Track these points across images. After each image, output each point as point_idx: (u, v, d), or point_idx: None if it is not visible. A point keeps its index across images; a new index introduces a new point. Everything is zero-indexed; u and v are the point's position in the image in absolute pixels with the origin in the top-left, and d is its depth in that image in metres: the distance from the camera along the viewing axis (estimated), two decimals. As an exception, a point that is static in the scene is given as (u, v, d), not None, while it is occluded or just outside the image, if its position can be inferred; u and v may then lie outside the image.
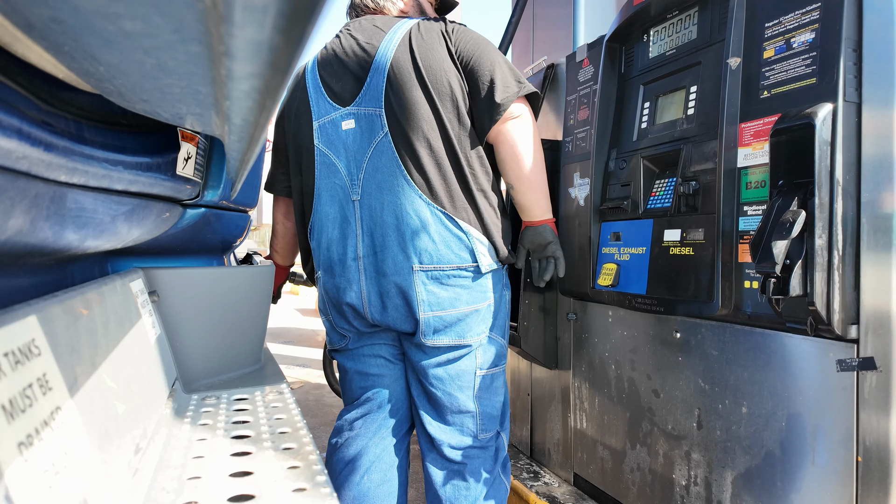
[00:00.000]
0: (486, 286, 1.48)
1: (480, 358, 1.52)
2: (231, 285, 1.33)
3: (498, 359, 1.56)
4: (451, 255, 1.42)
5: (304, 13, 0.29)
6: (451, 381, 1.50)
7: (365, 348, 1.58)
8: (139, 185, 0.92)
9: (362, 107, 1.42)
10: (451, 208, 1.42)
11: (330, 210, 1.48)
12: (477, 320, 1.48)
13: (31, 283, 0.83)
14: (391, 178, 1.39)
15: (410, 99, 1.38)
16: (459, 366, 1.50)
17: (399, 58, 1.39)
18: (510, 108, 1.39)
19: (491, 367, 1.54)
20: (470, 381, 1.51)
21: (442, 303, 1.44)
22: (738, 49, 1.26)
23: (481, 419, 1.52)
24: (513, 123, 1.41)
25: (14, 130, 0.55)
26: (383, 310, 1.46)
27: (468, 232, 1.43)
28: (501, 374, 1.58)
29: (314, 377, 4.31)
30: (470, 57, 1.42)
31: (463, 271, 1.44)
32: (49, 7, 0.36)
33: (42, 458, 0.45)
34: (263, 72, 0.37)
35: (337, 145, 1.45)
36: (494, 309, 1.52)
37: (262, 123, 0.52)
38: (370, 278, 1.44)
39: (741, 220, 1.24)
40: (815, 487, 1.13)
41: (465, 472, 1.51)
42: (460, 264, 1.44)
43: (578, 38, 2.51)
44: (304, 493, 0.68)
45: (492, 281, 1.49)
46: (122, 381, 0.73)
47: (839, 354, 1.08)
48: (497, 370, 1.56)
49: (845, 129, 1.05)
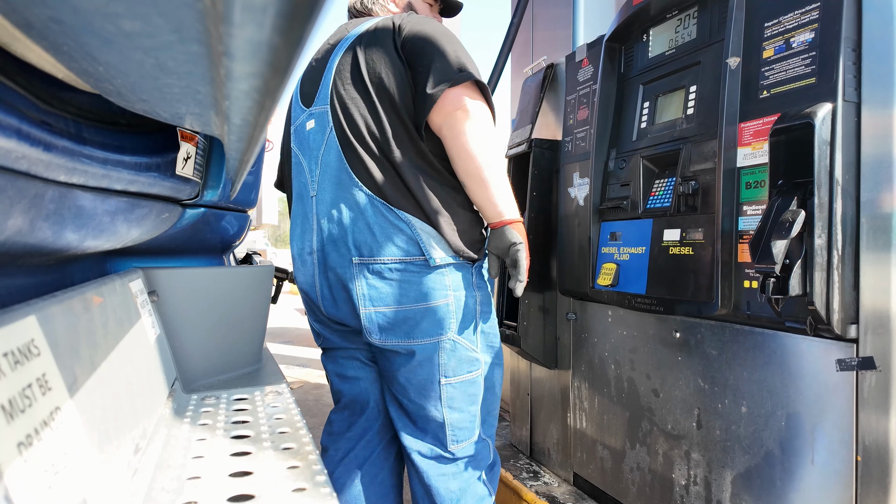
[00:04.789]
0: (443, 282, 1.37)
1: (443, 365, 1.41)
2: (230, 285, 1.33)
3: (469, 364, 1.43)
4: (393, 247, 1.35)
5: (304, 13, 0.29)
6: (415, 389, 1.43)
7: (341, 350, 1.57)
8: (138, 184, 0.92)
9: (317, 106, 1.45)
10: (393, 198, 1.35)
11: (298, 208, 1.51)
12: (430, 320, 1.38)
13: (30, 283, 0.83)
14: (338, 173, 1.40)
15: (350, 95, 1.39)
16: (420, 373, 1.41)
17: (346, 55, 1.41)
18: (449, 99, 1.29)
19: (460, 375, 1.43)
20: (435, 390, 1.42)
21: (385, 298, 1.37)
22: (737, 49, 1.26)
23: (451, 430, 1.43)
24: (455, 116, 1.30)
25: (13, 130, 0.54)
26: (334, 304, 1.44)
27: (411, 223, 1.34)
28: (476, 381, 1.46)
29: (314, 377, 4.31)
30: (413, 46, 1.34)
31: (409, 265, 1.36)
32: (48, 7, 0.36)
33: (41, 459, 0.45)
34: (263, 72, 0.37)
35: (304, 145, 1.49)
36: (458, 309, 1.41)
37: (261, 123, 0.52)
38: (321, 272, 1.44)
39: (741, 220, 1.24)
40: (815, 487, 1.13)
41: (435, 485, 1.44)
42: (404, 257, 1.36)
43: (578, 37, 2.51)
44: (304, 493, 0.68)
45: (452, 277, 1.39)
46: (122, 381, 0.73)
47: (839, 354, 1.08)
48: (470, 377, 1.44)
49: (844, 128, 1.05)
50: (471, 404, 1.45)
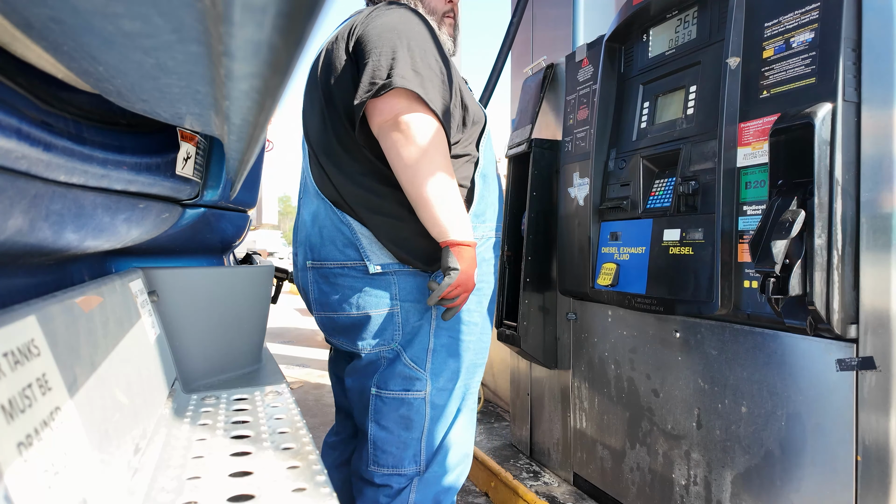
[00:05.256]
0: (387, 291, 1.30)
1: (378, 374, 1.33)
2: (231, 285, 1.33)
3: (404, 381, 1.32)
4: (336, 251, 1.31)
5: (304, 13, 0.29)
6: (355, 394, 1.37)
7: (336, 352, 1.57)
8: (138, 184, 0.92)
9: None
10: (340, 203, 1.30)
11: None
12: (372, 329, 1.31)
13: (30, 283, 0.83)
14: (305, 178, 1.41)
15: (311, 98, 1.37)
16: (360, 379, 1.36)
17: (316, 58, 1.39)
18: (377, 111, 1.19)
19: (392, 390, 1.32)
20: (366, 398, 1.34)
21: (332, 304, 1.33)
22: (737, 49, 1.26)
23: (373, 448, 1.33)
24: (384, 129, 1.19)
25: (13, 130, 0.54)
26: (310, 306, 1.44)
27: (352, 226, 1.29)
28: (411, 403, 1.32)
29: (314, 377, 4.31)
30: (357, 48, 1.24)
31: (351, 270, 1.30)
32: (48, 6, 0.36)
33: (41, 459, 0.45)
34: (263, 72, 0.37)
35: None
36: (406, 321, 1.31)
37: (261, 123, 0.52)
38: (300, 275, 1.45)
39: (741, 220, 1.24)
40: (815, 487, 1.13)
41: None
42: (345, 262, 1.30)
43: (578, 37, 2.51)
44: (304, 493, 0.68)
45: (401, 286, 1.30)
46: (122, 381, 0.73)
47: (838, 354, 1.08)
48: (402, 395, 1.32)
49: (844, 128, 1.05)
50: (402, 428, 1.32)
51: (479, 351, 1.42)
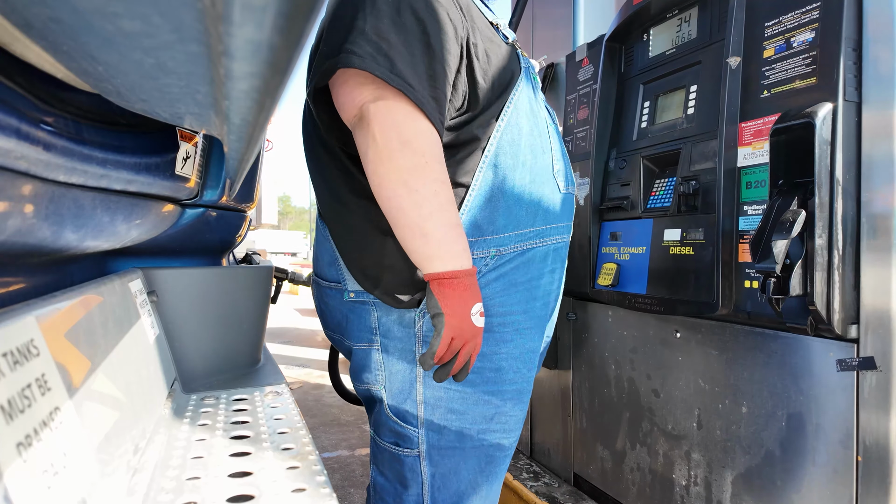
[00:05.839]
0: (366, 321, 1.05)
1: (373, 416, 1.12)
2: (230, 285, 1.32)
3: (393, 435, 1.07)
4: (325, 267, 1.11)
5: (304, 13, 0.29)
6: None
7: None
8: (138, 184, 0.92)
9: None
10: (325, 214, 1.11)
11: None
12: (355, 362, 1.10)
13: (30, 283, 0.83)
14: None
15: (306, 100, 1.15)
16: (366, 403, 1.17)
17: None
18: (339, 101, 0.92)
19: (384, 440, 1.09)
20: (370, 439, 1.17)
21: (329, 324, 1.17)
22: (737, 48, 1.26)
23: (374, 489, 1.14)
24: (353, 124, 0.92)
25: (13, 130, 0.54)
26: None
27: (332, 241, 1.09)
28: (404, 461, 1.06)
29: (313, 377, 4.31)
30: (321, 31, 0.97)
31: (336, 292, 1.11)
32: (48, 6, 0.36)
33: (41, 459, 0.45)
34: (262, 71, 0.36)
35: None
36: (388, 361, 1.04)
37: (260, 123, 0.52)
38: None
39: (741, 220, 1.24)
40: (815, 487, 1.13)
41: None
42: (331, 282, 1.10)
43: (578, 37, 2.51)
44: (304, 493, 0.68)
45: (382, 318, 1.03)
46: (121, 382, 0.73)
47: (839, 354, 1.08)
48: (394, 450, 1.07)
49: (845, 128, 1.05)
50: (398, 482, 1.08)
51: (510, 401, 1.06)
